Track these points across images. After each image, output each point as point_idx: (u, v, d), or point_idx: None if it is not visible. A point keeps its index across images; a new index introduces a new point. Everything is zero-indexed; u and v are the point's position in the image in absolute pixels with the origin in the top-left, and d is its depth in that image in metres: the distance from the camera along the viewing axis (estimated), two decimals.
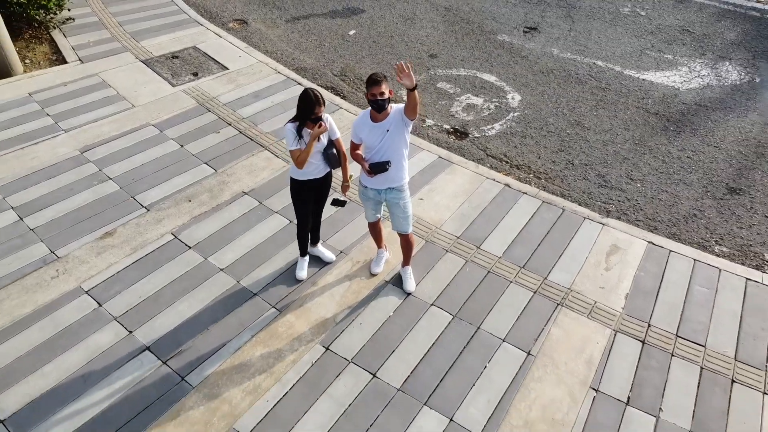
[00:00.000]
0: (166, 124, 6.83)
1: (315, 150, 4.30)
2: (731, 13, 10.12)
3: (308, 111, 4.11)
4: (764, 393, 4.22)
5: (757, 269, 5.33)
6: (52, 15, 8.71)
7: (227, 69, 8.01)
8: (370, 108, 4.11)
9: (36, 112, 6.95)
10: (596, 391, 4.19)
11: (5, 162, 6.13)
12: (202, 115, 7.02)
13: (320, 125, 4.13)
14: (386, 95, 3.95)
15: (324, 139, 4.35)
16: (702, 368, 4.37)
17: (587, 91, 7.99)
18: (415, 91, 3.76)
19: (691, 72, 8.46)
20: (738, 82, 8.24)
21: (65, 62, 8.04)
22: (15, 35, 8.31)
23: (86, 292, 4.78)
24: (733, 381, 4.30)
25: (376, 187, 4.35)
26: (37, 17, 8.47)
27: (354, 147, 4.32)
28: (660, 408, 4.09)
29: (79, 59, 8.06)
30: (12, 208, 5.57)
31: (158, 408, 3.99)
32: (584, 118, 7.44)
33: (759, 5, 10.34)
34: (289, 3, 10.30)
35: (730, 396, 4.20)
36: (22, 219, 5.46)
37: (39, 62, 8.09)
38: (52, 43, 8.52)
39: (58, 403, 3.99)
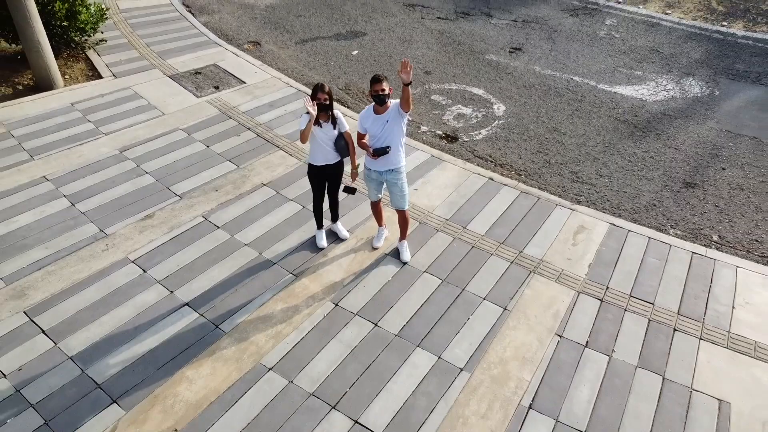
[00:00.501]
0: (193, 129, 7.79)
1: (327, 138, 5.24)
2: (697, 35, 11.20)
3: (313, 95, 5.06)
4: (700, 338, 5.07)
5: (704, 247, 6.22)
6: (87, 37, 9.76)
7: (245, 83, 9.02)
8: (373, 103, 5.06)
9: (79, 118, 7.93)
10: (560, 336, 5.05)
11: (56, 159, 7.07)
12: (224, 122, 8.00)
13: (311, 103, 4.99)
14: (386, 91, 4.91)
15: (335, 131, 5.29)
16: (650, 320, 5.23)
17: (564, 102, 8.98)
18: (409, 87, 4.71)
19: (658, 86, 9.48)
20: (699, 95, 9.25)
21: (101, 77, 9.06)
22: (54, 54, 9.31)
23: (132, 262, 5.67)
24: (675, 330, 5.15)
25: (379, 169, 5.27)
26: (75, 38, 9.51)
27: (360, 137, 5.26)
28: (613, 349, 4.94)
29: (113, 75, 9.08)
30: (65, 196, 6.49)
31: (197, 348, 4.84)
32: (561, 125, 8.41)
33: (722, 29, 11.43)
34: (297, 27, 11.40)
35: (672, 341, 5.05)
36: (74, 205, 6.37)
37: (77, 78, 9.10)
38: (88, 61, 9.56)
39: (115, 345, 4.84)
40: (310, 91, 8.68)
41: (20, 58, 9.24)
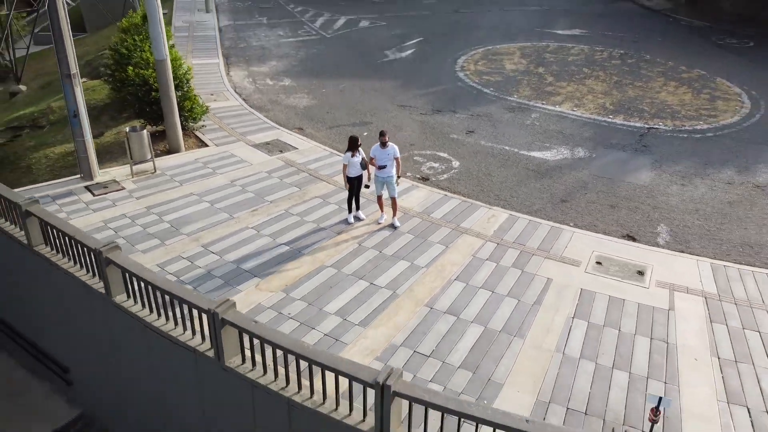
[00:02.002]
0: (271, 171, 13.09)
1: (357, 162, 10.48)
2: (591, 123, 16.85)
3: (352, 143, 10.37)
4: (545, 258, 9.98)
5: (560, 225, 11.25)
6: (195, 123, 15.35)
7: (297, 148, 14.48)
8: (379, 143, 10.38)
9: (201, 166, 13.25)
10: (473, 257, 9.97)
11: (195, 185, 12.28)
12: (288, 168, 13.31)
13: (366, 162, 10.32)
14: (387, 139, 10.25)
15: (359, 158, 10.55)
16: (521, 252, 10.17)
17: (497, 160, 14.36)
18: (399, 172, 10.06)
19: (557, 152, 14.91)
20: (582, 156, 14.65)
21: (207, 146, 14.52)
22: None
23: (251, 228, 10.70)
24: (533, 255, 10.08)
25: (382, 176, 10.48)
26: (190, 124, 15.10)
27: (371, 160, 10.51)
28: (500, 261, 9.84)
29: (215, 144, 14.55)
30: (205, 201, 11.64)
31: (290, 259, 9.75)
32: (493, 172, 13.71)
33: (608, 119, 17.11)
34: (327, 119, 17.10)
35: (530, 259, 9.96)
36: (212, 204, 11.50)
37: (192, 146, 14.56)
38: (196, 137, 15.09)
39: (250, 258, 9.75)
40: (338, 153, 14.11)
41: (157, 135, 14.75)
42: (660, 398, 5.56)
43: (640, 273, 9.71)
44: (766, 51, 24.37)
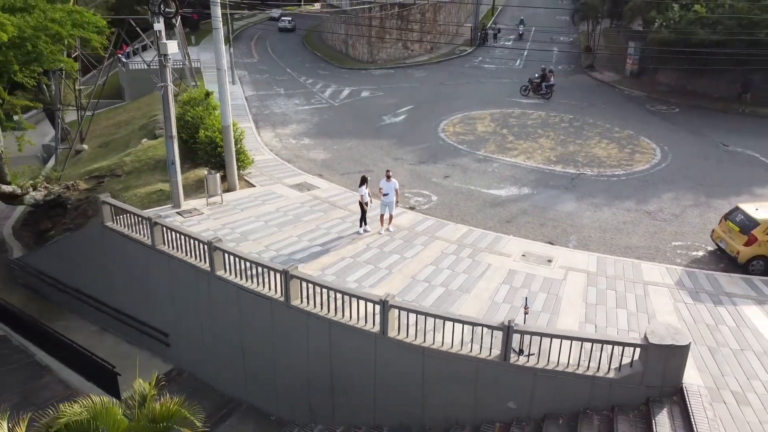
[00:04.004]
0: (303, 203, 18.55)
1: (366, 193, 15.98)
2: (537, 171, 22.48)
3: (363, 180, 15.90)
4: (488, 253, 15.31)
5: (502, 234, 16.62)
6: (244, 170, 20.92)
7: (320, 188, 20.01)
8: (385, 177, 15.90)
9: (254, 199, 18.72)
10: (442, 252, 15.29)
11: (253, 211, 17.69)
12: (315, 200, 18.78)
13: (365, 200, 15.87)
14: (391, 174, 15.80)
15: (365, 191, 16.05)
16: (473, 250, 15.51)
17: (464, 196, 19.87)
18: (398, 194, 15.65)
19: (508, 190, 20.47)
20: (527, 193, 20.20)
21: (254, 186, 20.04)
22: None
23: (295, 236, 16.03)
24: (481, 251, 15.41)
25: (386, 200, 15.96)
26: (241, 170, 20.67)
27: (380, 189, 16.01)
28: (460, 255, 15.16)
29: (261, 185, 20.09)
30: (261, 220, 17.00)
31: (322, 254, 15.06)
32: (460, 203, 19.19)
33: (551, 167, 22.77)
34: (339, 168, 22.74)
35: (478, 254, 15.29)
36: (266, 223, 16.90)
37: (243, 187, 20.07)
38: (245, 180, 20.63)
39: (297, 251, 15.06)
40: (350, 191, 19.71)
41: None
42: (526, 298, 10.84)
43: (549, 261, 15.03)
44: (687, 116, 30.51)
